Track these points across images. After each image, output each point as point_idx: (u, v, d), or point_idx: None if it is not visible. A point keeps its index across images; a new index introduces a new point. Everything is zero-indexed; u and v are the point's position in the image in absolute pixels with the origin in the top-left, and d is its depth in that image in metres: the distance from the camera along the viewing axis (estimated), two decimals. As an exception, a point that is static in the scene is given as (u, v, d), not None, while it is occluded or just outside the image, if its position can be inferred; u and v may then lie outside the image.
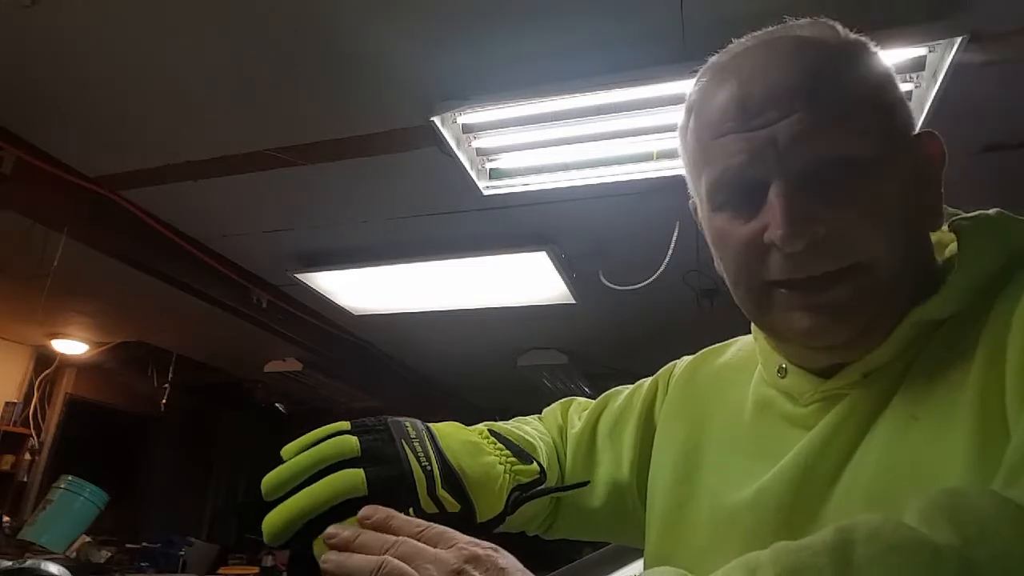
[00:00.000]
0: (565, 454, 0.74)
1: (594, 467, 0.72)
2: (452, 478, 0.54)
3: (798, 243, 0.47)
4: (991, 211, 0.52)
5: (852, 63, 0.52)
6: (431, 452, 0.54)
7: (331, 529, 0.46)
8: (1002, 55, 1.59)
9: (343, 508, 0.48)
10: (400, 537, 0.44)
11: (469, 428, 0.63)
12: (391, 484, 0.50)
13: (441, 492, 0.53)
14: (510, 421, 0.74)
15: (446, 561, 0.41)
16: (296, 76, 1.83)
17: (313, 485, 0.48)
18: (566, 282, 2.98)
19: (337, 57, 1.75)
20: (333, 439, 0.52)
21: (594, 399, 0.79)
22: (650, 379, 0.76)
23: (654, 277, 2.53)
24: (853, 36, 0.54)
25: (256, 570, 4.22)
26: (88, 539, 3.25)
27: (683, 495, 0.62)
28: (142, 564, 3.59)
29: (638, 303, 2.92)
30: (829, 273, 0.48)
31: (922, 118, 1.78)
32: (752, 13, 1.52)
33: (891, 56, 1.64)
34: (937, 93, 1.67)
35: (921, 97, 1.75)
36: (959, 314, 0.49)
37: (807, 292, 0.49)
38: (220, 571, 4.20)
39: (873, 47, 0.54)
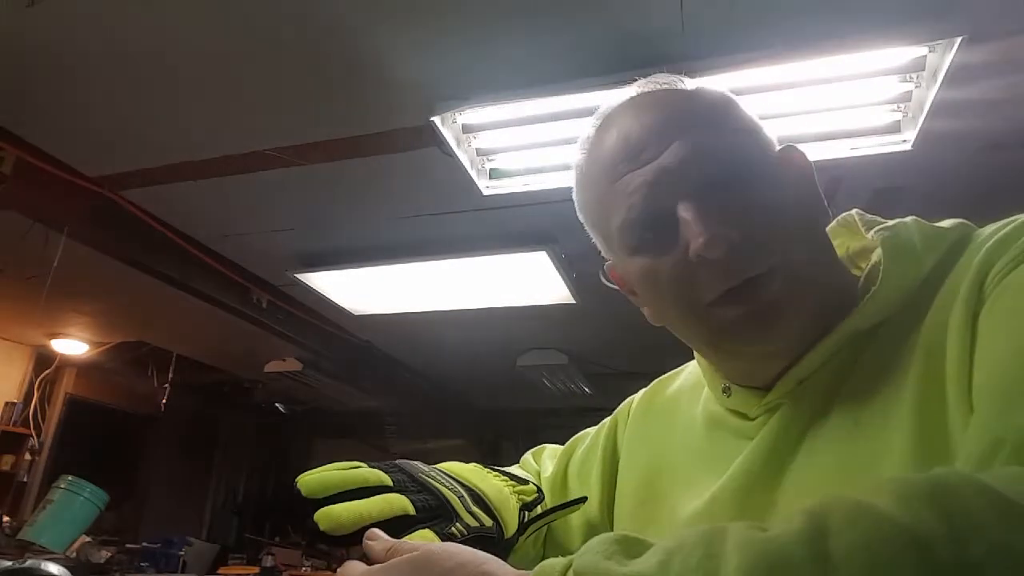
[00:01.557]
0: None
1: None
2: (476, 498, 0.58)
3: (719, 247, 0.49)
4: (908, 219, 0.54)
5: (706, 99, 0.57)
6: (449, 479, 0.59)
7: (375, 530, 0.49)
8: (1002, 55, 1.59)
9: (389, 524, 0.52)
10: None
11: (464, 464, 0.67)
12: (432, 505, 0.55)
13: (474, 508, 0.57)
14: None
15: None
16: (296, 76, 1.83)
17: (374, 498, 0.53)
18: (566, 282, 2.98)
19: (337, 57, 1.75)
20: (371, 469, 0.55)
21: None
22: (610, 417, 0.79)
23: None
24: (695, 83, 0.59)
25: (256, 570, 4.22)
26: (88, 539, 3.25)
27: (645, 518, 0.64)
28: (142, 564, 3.59)
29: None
30: (759, 275, 0.50)
31: (922, 118, 1.78)
32: (751, 12, 1.51)
33: (891, 56, 1.64)
34: (937, 93, 1.67)
35: (921, 97, 1.75)
36: (895, 318, 0.50)
37: (747, 297, 0.50)
38: (220, 571, 4.20)
39: (713, 88, 0.59)
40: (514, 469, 0.80)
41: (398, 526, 0.51)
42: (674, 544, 0.34)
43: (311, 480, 0.52)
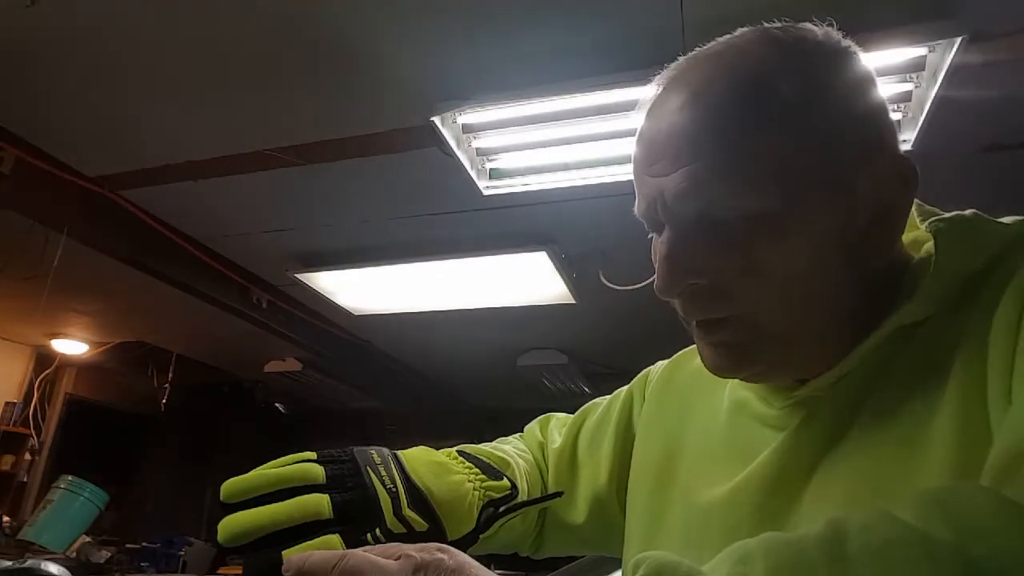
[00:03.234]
0: (547, 471, 0.74)
1: (576, 482, 0.72)
2: (418, 498, 0.55)
3: (671, 293, 0.50)
4: (967, 212, 0.51)
5: (767, 103, 0.47)
6: (396, 475, 0.56)
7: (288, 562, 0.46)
8: (1002, 55, 1.59)
9: (306, 529, 0.49)
10: (348, 551, 0.43)
11: (438, 451, 0.64)
12: (356, 507, 0.51)
13: (407, 512, 0.54)
14: (493, 442, 0.74)
15: (393, 574, 0.41)
16: (296, 76, 1.83)
17: (282, 502, 0.49)
18: (566, 282, 2.98)
19: (337, 57, 1.75)
20: (299, 465, 0.53)
21: (594, 399, 0.79)
22: (625, 388, 0.76)
23: (654, 277, 2.53)
24: (792, 52, 0.49)
25: (256, 570, 4.21)
26: (88, 539, 3.25)
27: (662, 501, 0.62)
28: (142, 564, 3.59)
29: (638, 303, 2.92)
30: (714, 320, 0.50)
31: (922, 118, 1.78)
32: (751, 12, 1.51)
33: (891, 56, 1.64)
34: (937, 93, 1.67)
35: (921, 97, 1.75)
36: (940, 314, 0.48)
37: (702, 331, 0.52)
38: (220, 571, 4.20)
39: (821, 61, 0.49)
40: (512, 439, 0.78)
41: (314, 528, 0.49)
42: (714, 562, 0.36)
43: (230, 484, 0.50)
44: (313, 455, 0.54)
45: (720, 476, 0.56)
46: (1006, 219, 0.50)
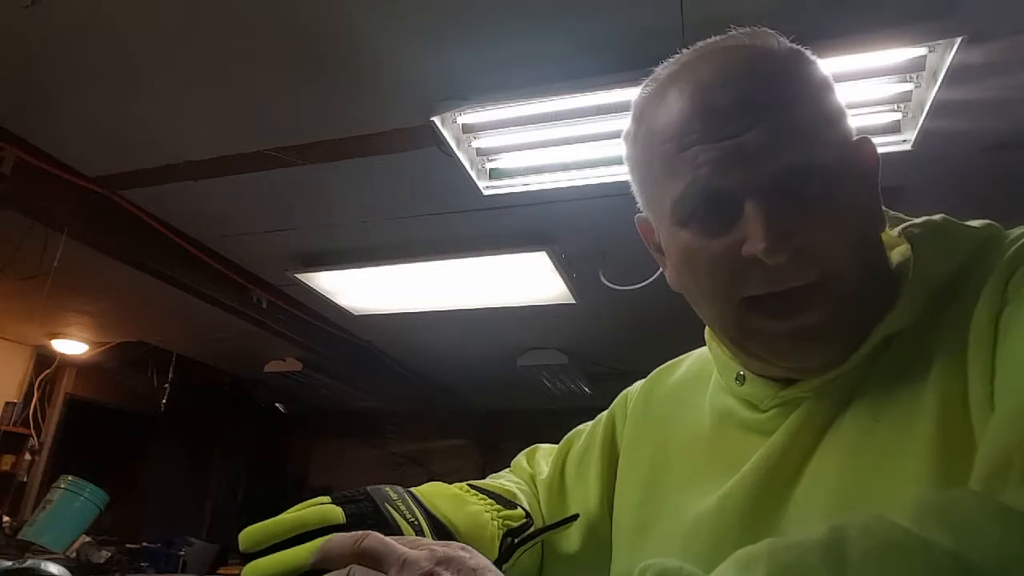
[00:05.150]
0: (539, 501, 0.75)
1: (567, 510, 0.72)
2: (441, 531, 0.55)
3: (780, 255, 0.47)
4: (936, 217, 0.52)
5: (801, 73, 0.51)
6: (416, 510, 0.55)
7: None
8: (1002, 55, 1.59)
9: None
10: (367, 531, 0.42)
11: (449, 485, 0.64)
12: None
13: None
14: (486, 479, 0.74)
15: (415, 561, 0.40)
16: (296, 76, 1.83)
17: (310, 543, 0.47)
18: (566, 282, 2.98)
19: (337, 57, 1.75)
20: (315, 508, 0.51)
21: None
22: (607, 412, 0.76)
23: (654, 277, 2.53)
24: (792, 46, 0.53)
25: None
26: (88, 539, 3.25)
27: (648, 514, 0.62)
28: (142, 564, 3.58)
29: (638, 303, 2.92)
30: (810, 284, 0.48)
31: (922, 118, 1.78)
32: (751, 13, 1.51)
33: (891, 56, 1.64)
34: (937, 93, 1.67)
35: (921, 97, 1.75)
36: (917, 319, 0.49)
37: (788, 309, 0.49)
38: (220, 571, 4.20)
39: (811, 56, 0.53)
40: (504, 474, 0.78)
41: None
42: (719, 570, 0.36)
43: (250, 532, 0.48)
44: (327, 498, 0.53)
45: (708, 486, 0.56)
46: (974, 222, 0.52)
